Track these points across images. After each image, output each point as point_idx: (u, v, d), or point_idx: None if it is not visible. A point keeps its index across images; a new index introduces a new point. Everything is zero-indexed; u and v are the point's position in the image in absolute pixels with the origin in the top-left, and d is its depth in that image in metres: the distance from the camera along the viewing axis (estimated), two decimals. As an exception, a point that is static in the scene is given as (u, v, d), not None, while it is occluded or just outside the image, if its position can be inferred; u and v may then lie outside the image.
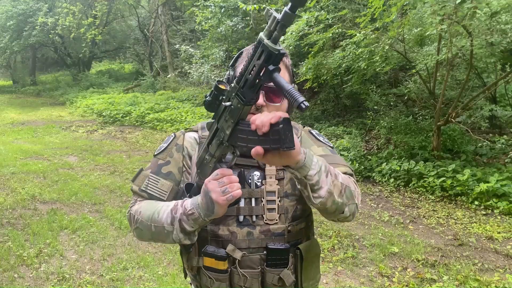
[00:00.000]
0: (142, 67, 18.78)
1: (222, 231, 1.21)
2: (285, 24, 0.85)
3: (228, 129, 1.00)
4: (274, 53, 0.87)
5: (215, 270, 1.21)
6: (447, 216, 4.69)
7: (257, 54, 0.90)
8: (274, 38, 0.87)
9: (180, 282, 3.31)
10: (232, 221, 1.21)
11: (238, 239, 1.21)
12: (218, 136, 1.06)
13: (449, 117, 5.55)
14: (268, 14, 0.87)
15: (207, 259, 1.22)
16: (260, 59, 0.89)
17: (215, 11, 9.17)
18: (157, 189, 1.25)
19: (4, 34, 17.59)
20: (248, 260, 1.21)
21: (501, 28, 4.57)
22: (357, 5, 7.72)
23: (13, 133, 10.37)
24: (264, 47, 0.88)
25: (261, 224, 1.21)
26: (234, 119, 0.98)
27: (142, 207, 1.21)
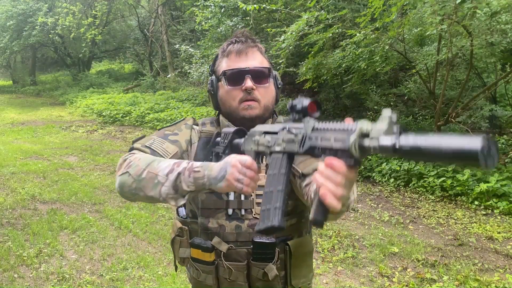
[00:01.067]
0: (142, 67, 18.77)
1: (211, 224, 1.23)
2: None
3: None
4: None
5: (202, 261, 1.23)
6: (447, 216, 4.69)
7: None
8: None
9: (180, 282, 3.31)
10: (221, 214, 1.22)
11: (226, 232, 1.21)
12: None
13: (449, 117, 5.56)
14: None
15: (194, 250, 1.23)
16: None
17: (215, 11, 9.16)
18: (162, 148, 1.20)
19: (4, 34, 17.59)
20: (235, 253, 1.21)
21: (501, 28, 4.57)
22: (357, 5, 7.72)
23: (13, 133, 10.37)
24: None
25: (249, 218, 1.22)
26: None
27: (144, 155, 1.12)
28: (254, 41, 1.27)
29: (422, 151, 0.62)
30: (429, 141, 0.62)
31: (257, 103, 1.22)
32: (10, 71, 22.58)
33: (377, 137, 0.69)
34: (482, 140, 0.55)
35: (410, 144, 0.64)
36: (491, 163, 0.56)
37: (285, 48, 6.05)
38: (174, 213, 1.37)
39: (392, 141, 0.66)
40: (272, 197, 0.92)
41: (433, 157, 0.62)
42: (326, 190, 0.76)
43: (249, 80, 1.20)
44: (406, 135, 0.66)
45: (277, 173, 0.93)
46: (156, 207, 5.02)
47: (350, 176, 0.76)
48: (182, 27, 16.94)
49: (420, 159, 0.65)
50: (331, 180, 0.76)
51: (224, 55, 1.27)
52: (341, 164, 0.75)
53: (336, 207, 0.76)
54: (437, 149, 0.61)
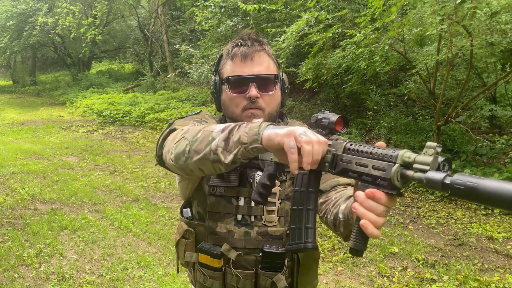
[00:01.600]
0: (142, 67, 18.76)
1: (219, 228, 1.20)
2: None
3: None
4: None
5: (210, 267, 1.20)
6: (447, 216, 4.69)
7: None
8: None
9: (180, 282, 3.31)
10: (230, 219, 1.20)
11: (235, 238, 1.19)
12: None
13: (449, 117, 5.55)
14: None
15: (202, 255, 1.21)
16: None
17: (215, 11, 9.16)
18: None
19: (4, 34, 17.58)
20: (243, 260, 1.19)
21: (501, 28, 4.56)
22: (357, 5, 7.72)
23: (13, 133, 10.37)
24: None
25: (259, 225, 1.19)
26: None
27: (197, 126, 1.02)
28: (262, 43, 1.21)
29: (479, 191, 0.59)
30: (488, 183, 0.59)
31: (261, 111, 1.18)
32: (10, 71, 22.58)
33: (423, 170, 0.67)
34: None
35: (465, 181, 0.61)
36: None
37: (285, 48, 6.05)
38: (178, 214, 1.34)
39: (442, 176, 0.64)
40: (302, 215, 0.91)
41: (490, 200, 0.59)
42: (367, 220, 0.75)
43: (253, 88, 1.16)
44: (462, 173, 0.64)
45: (305, 191, 0.91)
46: (156, 207, 5.02)
47: (391, 204, 0.76)
48: (182, 27, 16.94)
49: (473, 200, 0.61)
50: (372, 210, 0.75)
51: (228, 57, 1.22)
52: (383, 195, 0.74)
53: (377, 235, 0.76)
54: (497, 192, 0.58)
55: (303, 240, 0.89)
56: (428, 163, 0.67)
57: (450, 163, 0.68)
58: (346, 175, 0.82)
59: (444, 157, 0.67)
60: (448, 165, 0.67)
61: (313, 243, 0.89)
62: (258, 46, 1.20)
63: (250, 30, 1.26)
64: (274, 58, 1.25)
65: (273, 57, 1.25)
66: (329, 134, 0.92)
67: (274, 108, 1.22)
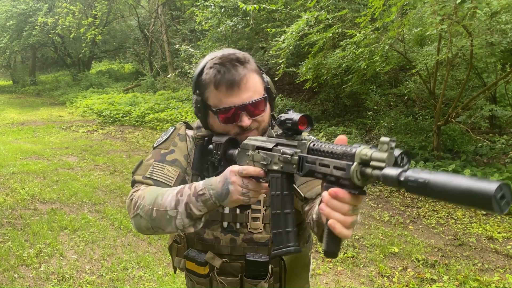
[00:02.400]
0: (142, 67, 18.76)
1: (207, 235, 1.21)
2: None
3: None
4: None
5: (196, 274, 1.22)
6: (447, 216, 4.69)
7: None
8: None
9: (180, 282, 3.31)
10: (216, 226, 1.20)
11: (221, 245, 1.20)
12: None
13: (449, 117, 5.55)
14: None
15: (188, 262, 1.22)
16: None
17: (215, 11, 9.16)
18: (163, 175, 1.16)
19: (4, 34, 17.58)
20: (229, 267, 1.20)
21: (501, 28, 4.57)
22: (357, 5, 7.72)
23: (13, 133, 10.37)
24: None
25: (244, 232, 1.19)
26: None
27: (146, 191, 1.10)
28: (243, 62, 1.13)
29: (430, 187, 0.59)
30: (439, 178, 0.58)
31: (255, 130, 1.16)
32: (10, 71, 22.58)
33: (380, 167, 0.66)
34: (497, 185, 0.53)
35: (417, 178, 0.61)
36: (504, 208, 0.54)
37: (285, 48, 6.05)
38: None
39: (397, 172, 0.63)
40: (280, 219, 0.92)
41: (442, 195, 0.59)
42: (334, 221, 0.75)
43: (245, 117, 1.11)
44: (415, 168, 0.63)
45: (281, 194, 0.92)
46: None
47: (356, 203, 0.75)
48: (182, 27, 16.94)
49: (427, 196, 0.61)
50: (338, 210, 0.75)
51: (211, 84, 1.13)
52: (345, 193, 0.73)
53: (347, 235, 0.75)
54: (448, 187, 0.57)
55: (285, 244, 0.90)
56: (384, 160, 0.66)
57: (409, 155, 0.67)
58: (313, 176, 0.82)
59: (401, 150, 0.66)
60: (407, 157, 0.66)
61: (295, 246, 0.90)
62: (240, 68, 1.11)
63: (228, 52, 1.16)
64: (257, 68, 1.19)
65: (256, 67, 1.18)
66: (295, 135, 0.91)
67: (267, 122, 1.20)
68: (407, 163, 0.66)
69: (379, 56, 5.40)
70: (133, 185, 1.19)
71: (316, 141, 0.84)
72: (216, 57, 1.15)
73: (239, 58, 1.12)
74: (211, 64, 1.14)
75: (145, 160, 1.22)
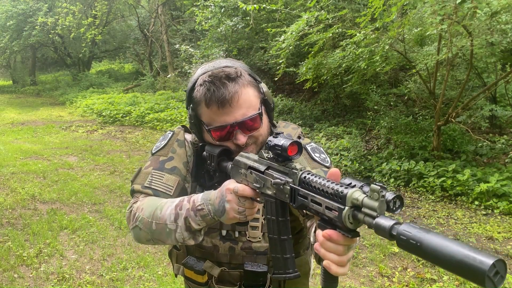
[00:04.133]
0: (142, 67, 18.76)
1: (206, 243, 1.20)
2: None
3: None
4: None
5: (195, 282, 1.21)
6: (447, 216, 4.69)
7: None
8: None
9: (180, 282, 3.31)
10: (215, 234, 1.19)
11: (220, 253, 1.19)
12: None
13: (449, 117, 5.55)
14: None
15: (187, 270, 1.22)
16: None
17: (215, 11, 9.16)
18: (162, 184, 1.15)
19: (4, 34, 17.57)
20: (228, 275, 1.19)
21: (501, 28, 4.57)
22: (357, 5, 7.72)
23: (13, 133, 10.37)
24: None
25: (243, 240, 1.18)
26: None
27: (144, 203, 1.09)
28: (234, 78, 1.08)
29: (423, 248, 0.58)
30: (433, 241, 0.57)
31: (253, 145, 1.13)
32: (10, 71, 22.57)
33: (371, 215, 0.66)
34: (491, 263, 0.51)
35: (410, 237, 0.60)
36: (499, 283, 0.52)
37: (285, 48, 6.05)
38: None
39: (389, 225, 0.63)
40: (277, 245, 0.93)
41: (433, 260, 0.57)
42: (329, 261, 0.76)
43: (240, 135, 1.09)
44: (409, 225, 0.61)
45: (276, 220, 0.93)
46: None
47: (350, 243, 0.76)
48: (182, 27, 16.93)
49: (419, 255, 0.60)
50: (332, 251, 0.75)
51: (202, 101, 1.10)
52: (339, 236, 0.74)
53: (343, 273, 0.76)
54: (440, 254, 0.56)
55: (284, 270, 0.92)
56: (375, 209, 0.66)
57: (401, 199, 0.66)
58: (306, 209, 0.82)
59: (394, 194, 0.65)
60: (400, 201, 0.66)
61: (294, 273, 0.92)
62: (231, 85, 1.07)
63: (219, 67, 1.12)
64: (252, 80, 1.14)
65: (251, 79, 1.13)
66: (285, 161, 0.90)
67: (266, 135, 1.16)
68: (399, 207, 0.66)
69: (379, 56, 5.40)
70: (132, 194, 1.18)
71: (307, 173, 0.83)
72: (206, 72, 1.12)
73: (229, 75, 1.08)
74: (201, 81, 1.11)
75: (144, 168, 1.20)
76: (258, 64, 10.37)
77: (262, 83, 1.18)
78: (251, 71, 1.18)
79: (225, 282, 1.20)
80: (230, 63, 1.15)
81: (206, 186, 1.18)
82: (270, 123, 1.21)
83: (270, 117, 1.20)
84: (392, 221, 0.63)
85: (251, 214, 0.97)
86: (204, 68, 1.15)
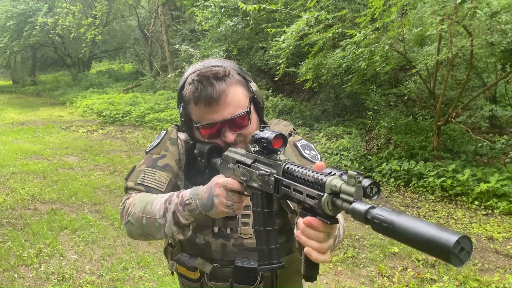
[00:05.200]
0: (142, 67, 18.75)
1: (198, 240, 1.21)
2: None
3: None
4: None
5: (188, 278, 1.22)
6: (447, 216, 4.69)
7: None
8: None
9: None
10: (208, 231, 1.21)
11: (212, 250, 1.20)
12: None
13: (449, 117, 5.55)
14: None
15: (180, 267, 1.23)
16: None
17: (215, 11, 9.16)
18: (154, 180, 1.18)
19: (4, 34, 17.56)
20: (220, 272, 1.20)
21: (501, 28, 4.57)
22: (357, 5, 7.72)
23: (13, 133, 10.37)
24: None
25: (235, 237, 1.20)
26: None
27: (136, 199, 1.12)
28: (222, 77, 1.10)
29: (395, 229, 0.60)
30: (404, 222, 0.59)
31: (242, 143, 1.15)
32: (10, 71, 22.57)
33: (348, 200, 0.68)
34: (457, 238, 0.53)
35: (383, 219, 0.62)
36: (465, 259, 0.54)
37: (285, 48, 6.05)
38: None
39: (364, 209, 0.65)
40: (262, 236, 0.94)
41: (404, 239, 0.60)
42: (310, 248, 0.77)
43: (228, 133, 1.12)
44: (383, 208, 0.64)
45: (261, 212, 0.94)
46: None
47: (330, 230, 0.77)
48: (182, 27, 16.93)
49: (391, 237, 0.62)
50: (313, 238, 0.77)
51: (191, 100, 1.12)
52: (319, 223, 0.75)
53: (324, 260, 0.78)
54: (410, 233, 0.58)
55: (268, 261, 0.93)
56: (352, 194, 0.67)
57: (378, 185, 0.68)
58: (289, 199, 0.84)
59: (370, 180, 0.67)
60: (376, 187, 0.67)
61: (278, 263, 0.93)
62: (219, 84, 1.09)
63: (208, 67, 1.14)
64: (241, 79, 1.16)
65: (240, 78, 1.15)
66: (270, 154, 0.92)
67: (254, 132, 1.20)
68: (376, 193, 0.67)
69: (379, 56, 5.40)
70: (126, 191, 1.21)
71: (290, 163, 0.85)
72: (196, 71, 1.14)
73: (217, 73, 1.10)
74: (190, 80, 1.14)
75: (137, 166, 1.23)
76: (258, 64, 10.37)
77: (252, 82, 1.20)
78: (241, 70, 1.20)
79: (217, 279, 1.21)
80: (219, 63, 1.17)
81: (197, 183, 1.19)
82: (260, 121, 1.23)
83: (260, 116, 1.22)
84: (367, 205, 0.65)
85: (239, 208, 0.99)
86: (195, 67, 1.18)
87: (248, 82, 1.19)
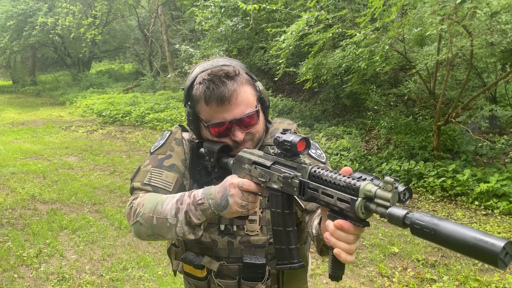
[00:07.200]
0: (142, 67, 18.75)
1: (204, 238, 1.21)
2: None
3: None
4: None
5: (194, 277, 1.23)
6: (447, 216, 4.69)
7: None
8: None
9: (180, 282, 3.31)
10: (214, 229, 1.21)
11: (219, 248, 1.21)
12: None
13: (449, 117, 5.55)
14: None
15: (186, 265, 1.23)
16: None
17: (215, 11, 9.16)
18: (161, 180, 1.17)
19: (4, 34, 17.55)
20: (227, 270, 1.21)
21: (501, 28, 4.57)
22: (357, 5, 7.72)
23: (13, 133, 10.37)
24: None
25: (241, 234, 1.20)
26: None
27: (145, 199, 1.11)
28: (233, 77, 1.11)
29: (437, 235, 0.63)
30: (447, 227, 0.62)
31: (250, 142, 1.17)
32: (10, 71, 22.54)
33: (385, 205, 0.71)
34: (502, 246, 0.57)
35: (425, 224, 0.64)
36: (509, 262, 0.58)
37: (285, 48, 6.05)
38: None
39: (403, 214, 0.68)
40: (282, 236, 0.97)
41: (447, 243, 0.62)
42: (339, 249, 0.80)
43: (238, 132, 1.13)
44: (423, 213, 0.66)
45: (281, 213, 0.96)
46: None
47: (360, 233, 0.81)
48: (182, 27, 16.94)
49: (432, 241, 0.65)
50: (343, 240, 0.80)
51: (201, 99, 1.12)
52: (351, 226, 0.78)
53: (352, 261, 0.81)
54: (455, 237, 0.61)
55: (289, 260, 0.96)
56: (388, 199, 0.70)
57: (410, 191, 0.72)
58: (315, 202, 0.86)
59: (404, 186, 0.70)
60: (409, 193, 0.71)
61: (299, 263, 0.96)
62: (230, 83, 1.10)
63: (218, 65, 1.15)
64: (249, 79, 1.17)
65: (248, 78, 1.17)
66: (293, 157, 0.93)
67: (261, 132, 1.21)
68: (408, 198, 0.72)
69: (379, 56, 5.40)
70: (132, 192, 1.20)
71: (317, 167, 0.87)
72: (205, 70, 1.14)
73: (228, 73, 1.11)
74: (200, 79, 1.13)
75: (143, 166, 1.23)
76: (258, 64, 10.37)
77: (258, 82, 1.21)
78: (247, 69, 1.21)
79: (224, 276, 1.21)
80: (228, 62, 1.18)
81: (202, 182, 1.20)
82: (266, 120, 1.26)
83: (265, 115, 1.24)
84: (404, 210, 0.69)
85: (253, 208, 1.00)
86: (203, 67, 1.18)
87: (255, 81, 1.21)
